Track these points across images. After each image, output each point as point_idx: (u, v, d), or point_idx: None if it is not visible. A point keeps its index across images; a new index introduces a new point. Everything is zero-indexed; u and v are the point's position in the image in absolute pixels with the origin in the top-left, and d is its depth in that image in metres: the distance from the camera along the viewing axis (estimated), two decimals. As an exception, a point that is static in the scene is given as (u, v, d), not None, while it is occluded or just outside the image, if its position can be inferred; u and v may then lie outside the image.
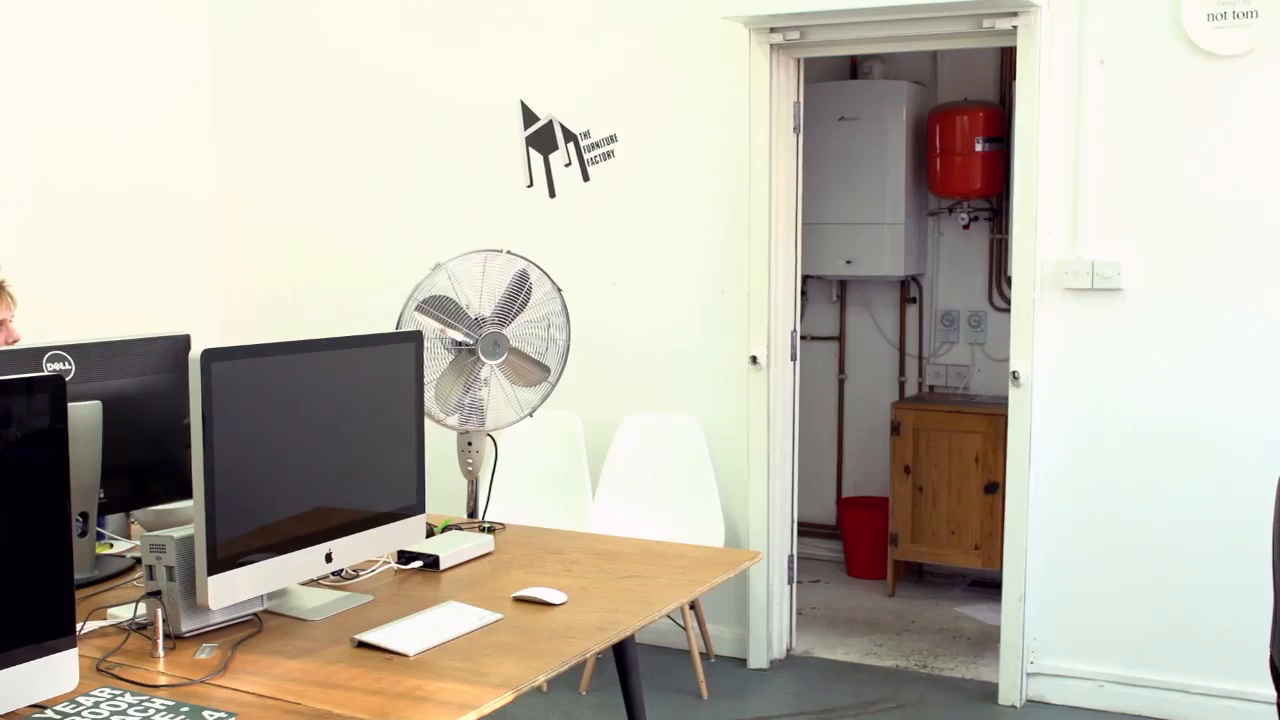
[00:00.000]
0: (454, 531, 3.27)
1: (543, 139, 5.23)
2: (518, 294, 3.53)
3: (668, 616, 2.93)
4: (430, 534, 3.16)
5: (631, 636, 2.84)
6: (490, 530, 3.33)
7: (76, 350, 2.90)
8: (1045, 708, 4.55)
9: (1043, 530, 4.55)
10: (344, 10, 5.60)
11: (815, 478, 6.55)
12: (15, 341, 3.69)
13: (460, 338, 3.47)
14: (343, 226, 5.67)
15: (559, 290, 3.59)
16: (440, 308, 3.46)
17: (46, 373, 2.75)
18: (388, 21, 5.51)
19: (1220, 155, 4.24)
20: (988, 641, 5.19)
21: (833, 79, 6.26)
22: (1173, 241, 4.32)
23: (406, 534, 2.93)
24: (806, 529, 6.28)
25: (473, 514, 3.59)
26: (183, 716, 2.00)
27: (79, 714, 1.99)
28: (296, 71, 5.73)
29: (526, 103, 5.24)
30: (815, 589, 6.03)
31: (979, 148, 5.95)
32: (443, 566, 2.99)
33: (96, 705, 2.03)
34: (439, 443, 3.56)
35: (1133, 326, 4.39)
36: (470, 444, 3.56)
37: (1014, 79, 4.59)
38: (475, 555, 3.10)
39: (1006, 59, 5.97)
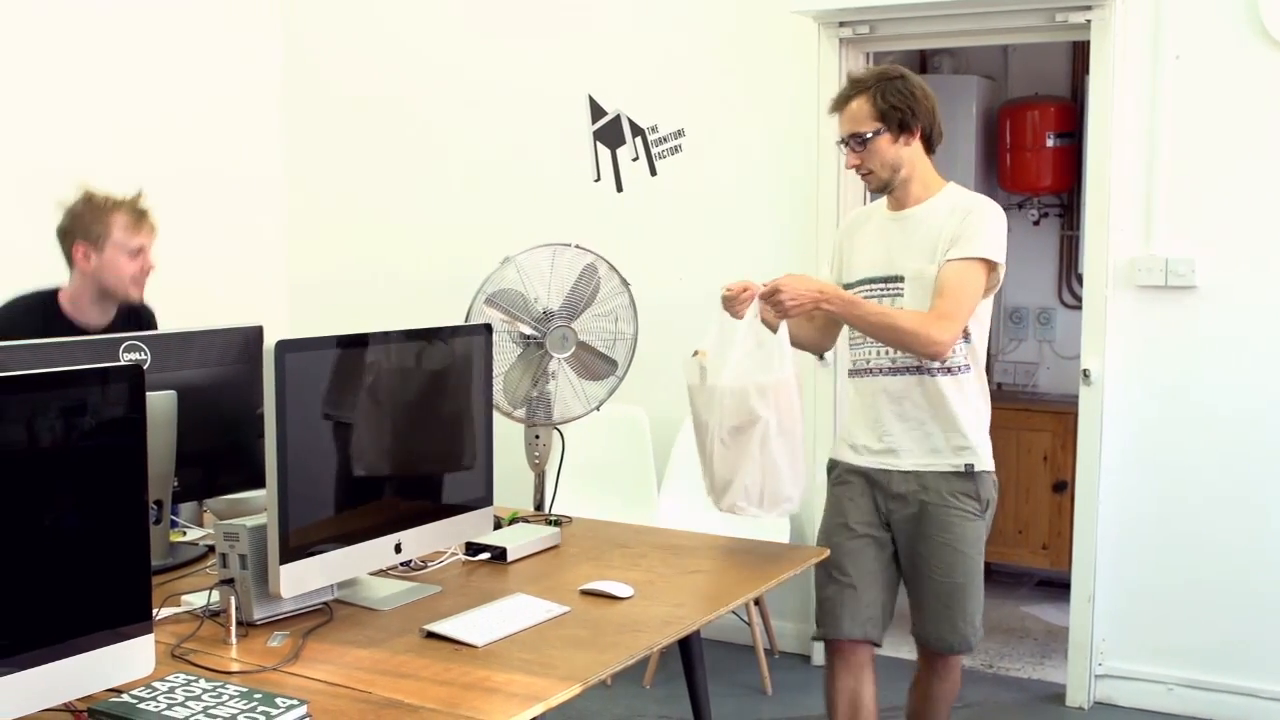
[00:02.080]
0: (521, 524, 3.29)
1: (610, 133, 5.23)
2: (586, 288, 3.54)
3: (732, 612, 2.92)
4: (498, 526, 3.17)
5: (697, 631, 2.84)
6: (557, 523, 3.34)
7: (152, 340, 2.94)
8: (1113, 710, 4.50)
9: (1112, 530, 4.49)
10: (413, 5, 5.63)
11: (880, 475, 6.50)
12: (150, 270, 3.69)
13: (529, 331, 3.48)
14: (410, 219, 5.70)
15: (626, 284, 3.59)
16: (509, 301, 3.47)
17: (124, 362, 2.80)
18: (457, 16, 5.53)
19: (1299, 151, 4.17)
20: (1055, 642, 5.13)
21: (902, 73, 6.21)
22: (1248, 239, 4.25)
23: (475, 526, 2.95)
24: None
25: (539, 507, 3.60)
26: (255, 703, 2.02)
27: (154, 698, 2.02)
28: (365, 65, 5.76)
29: (594, 97, 5.25)
30: (880, 586, 5.98)
31: (1050, 143, 5.89)
32: (510, 559, 3.00)
33: (171, 690, 2.06)
34: (504, 435, 3.57)
35: (1207, 325, 4.32)
36: (537, 437, 3.58)
37: (1086, 73, 4.54)
38: (542, 548, 3.11)
39: (1079, 53, 5.90)
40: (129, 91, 5.22)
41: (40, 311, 3.60)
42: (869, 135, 3.23)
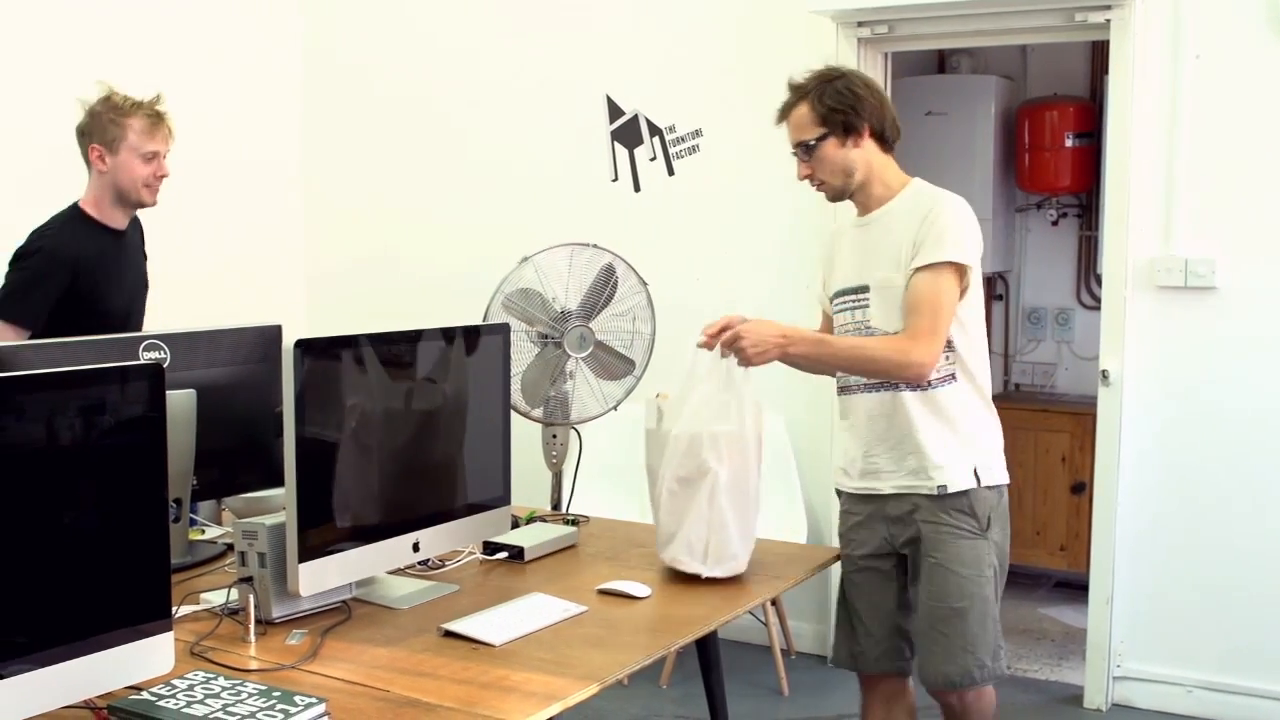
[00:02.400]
0: (539, 524, 3.29)
1: (628, 133, 5.23)
2: (604, 288, 3.54)
3: (749, 612, 2.91)
4: (515, 525, 3.17)
5: (714, 632, 2.84)
6: (574, 523, 3.35)
7: (171, 339, 2.96)
8: (1131, 712, 4.48)
9: (1131, 532, 4.47)
10: (433, 2, 5.64)
11: (898, 475, 6.49)
12: (164, 176, 3.70)
13: (546, 331, 3.48)
14: (428, 218, 5.71)
15: (644, 284, 3.59)
16: (527, 301, 3.47)
17: (145, 361, 2.81)
18: (476, 14, 5.54)
19: (1320, 151, 4.15)
20: (1073, 644, 5.12)
21: (920, 73, 6.20)
22: (1268, 239, 4.23)
23: (492, 525, 2.95)
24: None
25: (557, 506, 3.61)
26: (274, 701, 2.02)
27: (174, 696, 2.03)
28: (384, 63, 5.77)
29: (612, 97, 5.25)
30: (897, 587, 5.97)
31: (1069, 143, 5.87)
32: (527, 558, 3.00)
33: (191, 688, 2.07)
34: (522, 434, 3.59)
35: (1227, 326, 4.30)
36: (555, 437, 3.58)
37: (1105, 73, 4.52)
38: (559, 547, 3.11)
39: (1098, 52, 5.88)
40: (146, 86, 5.22)
41: (76, 223, 3.65)
42: (813, 141, 3.08)
